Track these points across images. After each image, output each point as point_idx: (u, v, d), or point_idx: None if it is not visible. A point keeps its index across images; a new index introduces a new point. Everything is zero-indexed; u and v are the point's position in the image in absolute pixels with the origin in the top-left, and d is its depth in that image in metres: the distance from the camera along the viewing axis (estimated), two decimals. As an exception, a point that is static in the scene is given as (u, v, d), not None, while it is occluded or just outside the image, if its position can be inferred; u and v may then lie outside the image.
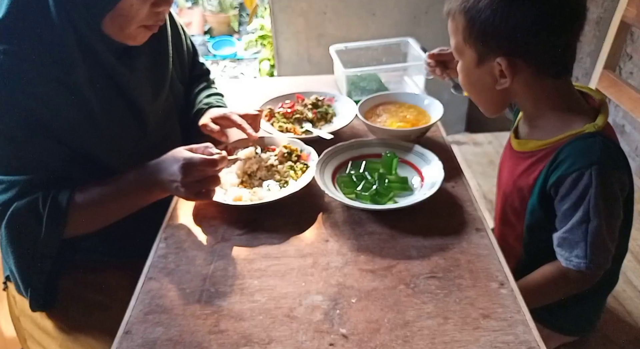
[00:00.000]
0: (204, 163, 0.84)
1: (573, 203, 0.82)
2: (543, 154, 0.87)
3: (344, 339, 0.68)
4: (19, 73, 0.80)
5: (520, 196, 0.93)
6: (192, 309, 0.74)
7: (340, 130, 1.14)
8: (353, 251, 0.83)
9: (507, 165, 0.98)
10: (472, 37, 0.84)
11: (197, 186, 0.86)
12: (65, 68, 0.84)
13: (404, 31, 2.21)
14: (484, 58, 0.85)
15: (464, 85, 0.94)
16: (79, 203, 0.86)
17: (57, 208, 0.84)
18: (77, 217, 0.86)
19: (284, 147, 1.06)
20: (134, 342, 0.69)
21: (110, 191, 0.89)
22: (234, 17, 4.17)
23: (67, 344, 0.91)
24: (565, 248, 0.85)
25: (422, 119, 1.13)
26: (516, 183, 0.93)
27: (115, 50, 0.91)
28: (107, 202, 0.89)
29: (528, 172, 0.90)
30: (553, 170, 0.84)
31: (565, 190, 0.83)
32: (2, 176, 0.83)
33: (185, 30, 1.17)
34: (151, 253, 0.85)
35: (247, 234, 0.88)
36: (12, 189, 0.83)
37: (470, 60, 0.87)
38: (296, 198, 0.93)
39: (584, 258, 0.83)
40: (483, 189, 2.25)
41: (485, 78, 0.87)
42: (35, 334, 0.93)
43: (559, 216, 0.86)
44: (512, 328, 0.68)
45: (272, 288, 0.77)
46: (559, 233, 0.86)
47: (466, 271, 0.78)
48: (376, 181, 0.94)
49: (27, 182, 0.83)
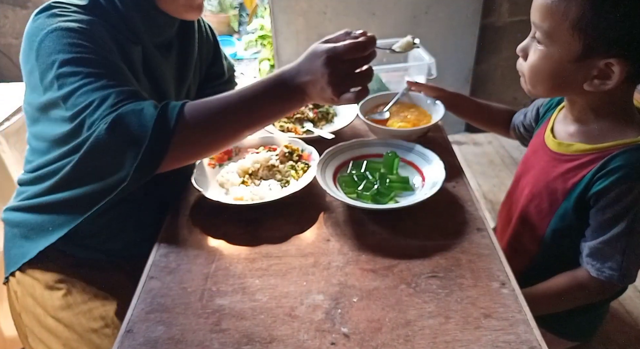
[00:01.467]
0: (351, 50, 0.73)
1: (616, 214, 0.80)
2: (588, 159, 0.83)
3: (346, 339, 0.68)
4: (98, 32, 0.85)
5: (552, 199, 0.89)
6: (193, 308, 0.74)
7: (341, 129, 1.15)
8: (354, 250, 0.83)
9: (540, 164, 0.93)
10: (588, 29, 0.72)
11: (347, 82, 0.74)
12: (124, 50, 0.89)
13: (404, 31, 2.21)
14: (589, 54, 0.74)
15: (533, 72, 0.82)
16: (192, 110, 0.76)
17: (172, 108, 0.75)
18: (189, 127, 0.76)
19: (285, 146, 1.06)
20: (136, 341, 0.69)
21: (240, 94, 0.78)
22: (234, 17, 4.17)
23: (70, 344, 0.91)
24: (598, 259, 0.83)
25: (423, 119, 1.13)
26: (550, 185, 0.89)
27: (157, 43, 0.97)
28: (232, 107, 0.78)
29: (568, 176, 0.86)
30: (600, 178, 0.80)
31: (609, 201, 0.80)
32: (96, 93, 0.78)
33: (213, 31, 1.21)
34: (152, 252, 0.85)
35: (249, 233, 0.88)
36: (109, 98, 0.77)
37: (567, 52, 0.76)
38: (297, 198, 0.93)
39: (617, 271, 0.81)
40: (483, 189, 2.26)
41: (576, 75, 0.78)
42: (37, 331, 0.93)
43: (594, 225, 0.84)
44: (513, 328, 0.68)
45: (273, 287, 0.77)
46: (593, 242, 0.83)
47: (467, 270, 0.78)
48: (377, 181, 0.94)
49: (128, 91, 0.80)
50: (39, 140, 0.94)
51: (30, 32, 0.84)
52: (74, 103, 0.79)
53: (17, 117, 1.60)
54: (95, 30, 0.84)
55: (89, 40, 0.82)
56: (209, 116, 0.78)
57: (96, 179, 0.85)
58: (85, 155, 0.81)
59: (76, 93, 0.79)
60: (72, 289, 0.94)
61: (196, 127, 0.77)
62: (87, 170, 0.85)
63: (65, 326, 0.92)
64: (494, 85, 2.64)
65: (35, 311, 0.94)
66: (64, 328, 0.92)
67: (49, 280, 0.94)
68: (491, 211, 2.08)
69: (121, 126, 0.75)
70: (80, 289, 0.95)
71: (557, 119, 0.95)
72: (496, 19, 2.45)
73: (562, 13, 0.74)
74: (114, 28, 0.88)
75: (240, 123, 0.80)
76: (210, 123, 0.78)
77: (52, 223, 0.92)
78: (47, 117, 0.88)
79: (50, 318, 0.93)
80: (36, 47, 0.82)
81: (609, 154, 0.80)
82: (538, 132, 1.01)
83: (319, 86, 0.75)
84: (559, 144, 0.89)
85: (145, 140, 0.74)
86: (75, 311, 0.93)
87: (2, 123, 1.55)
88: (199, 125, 0.77)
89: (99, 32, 0.85)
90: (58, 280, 0.94)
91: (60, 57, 0.80)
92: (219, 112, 0.78)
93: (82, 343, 0.91)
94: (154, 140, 0.74)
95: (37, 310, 0.94)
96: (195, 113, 0.77)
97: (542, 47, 0.80)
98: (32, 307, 0.94)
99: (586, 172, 0.83)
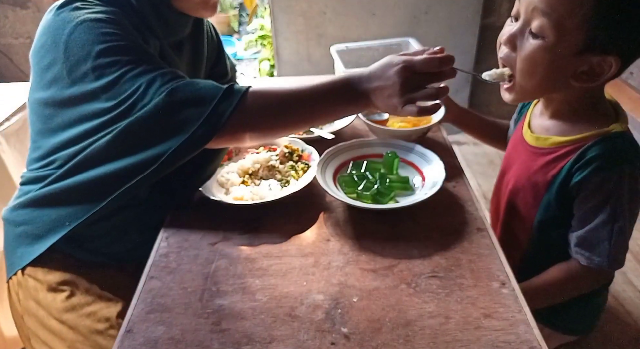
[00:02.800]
0: (427, 63, 0.73)
1: (599, 202, 0.81)
2: (565, 151, 0.85)
3: (346, 339, 0.68)
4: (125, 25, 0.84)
5: (535, 192, 0.91)
6: (193, 308, 0.74)
7: (341, 129, 1.15)
8: (354, 250, 0.83)
9: (520, 159, 0.95)
10: (599, 23, 0.71)
11: (416, 95, 0.75)
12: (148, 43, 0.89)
13: (404, 31, 2.22)
14: (589, 49, 0.73)
15: (529, 64, 0.80)
16: (257, 93, 0.77)
17: (238, 89, 0.76)
18: (253, 108, 0.77)
19: (285, 146, 1.06)
20: (136, 341, 0.69)
21: (306, 88, 0.79)
22: (234, 17, 4.17)
23: (75, 346, 0.90)
24: (586, 247, 0.84)
25: (423, 119, 1.13)
26: (531, 178, 0.91)
27: (171, 43, 0.97)
28: (292, 104, 0.79)
29: (547, 168, 0.88)
30: (579, 169, 0.82)
31: (590, 190, 0.81)
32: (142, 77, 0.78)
33: (217, 32, 1.22)
34: (152, 252, 0.85)
35: (249, 233, 0.89)
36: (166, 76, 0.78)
37: (569, 44, 0.74)
38: (297, 198, 0.93)
39: (606, 257, 0.82)
40: (483, 189, 2.26)
41: (568, 69, 0.77)
42: (41, 334, 0.93)
43: (578, 215, 0.85)
44: (513, 328, 0.68)
45: (273, 287, 0.77)
46: (580, 232, 0.85)
47: (467, 270, 0.78)
48: (377, 181, 0.94)
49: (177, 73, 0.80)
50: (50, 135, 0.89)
51: (54, 26, 0.83)
52: (118, 91, 0.78)
53: (17, 117, 1.60)
54: (121, 20, 0.84)
55: (120, 29, 0.82)
56: (271, 104, 0.79)
57: (139, 149, 0.79)
58: (134, 123, 0.77)
59: (119, 82, 0.77)
60: (75, 291, 0.94)
61: (258, 110, 0.78)
62: (126, 142, 0.80)
63: (69, 327, 0.91)
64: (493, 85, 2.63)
65: (38, 314, 0.93)
66: (69, 330, 0.91)
67: (52, 281, 0.93)
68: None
69: (183, 91, 0.76)
70: (83, 290, 0.94)
71: (534, 114, 0.97)
72: (496, 19, 2.45)
73: (577, 3, 0.71)
74: (132, 22, 0.88)
75: (299, 117, 0.81)
76: (272, 110, 0.79)
77: (62, 215, 0.88)
78: (72, 111, 0.84)
79: (54, 320, 0.92)
80: (64, 39, 0.80)
81: (584, 144, 0.82)
82: (517, 127, 1.03)
83: (386, 93, 0.76)
84: (537, 138, 0.91)
85: (213, 100, 0.75)
86: (79, 312, 0.92)
87: (2, 123, 1.54)
88: (260, 109, 0.78)
89: (125, 22, 0.85)
90: (61, 282, 0.93)
91: (96, 48, 0.79)
92: (283, 102, 0.79)
93: (87, 344, 0.91)
94: (218, 103, 0.75)
95: (40, 313, 0.93)
96: (259, 99, 0.78)
97: (539, 40, 0.76)
98: (35, 310, 0.93)
99: (564, 163, 0.85)
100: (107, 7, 0.86)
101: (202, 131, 0.76)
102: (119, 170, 0.81)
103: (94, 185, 0.84)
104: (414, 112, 0.76)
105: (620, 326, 1.12)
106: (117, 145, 0.80)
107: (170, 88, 0.76)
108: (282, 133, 0.86)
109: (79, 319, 0.92)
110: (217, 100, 0.76)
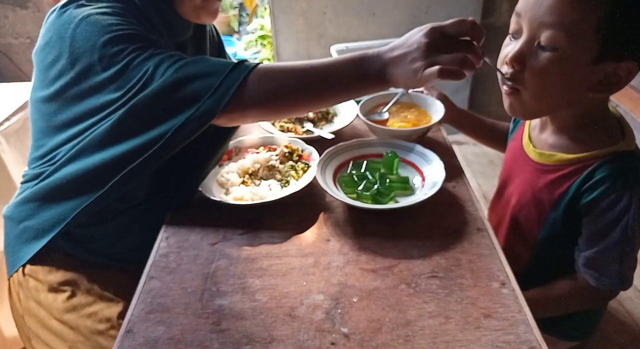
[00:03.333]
0: (455, 25, 0.72)
1: (609, 223, 0.80)
2: (572, 169, 0.83)
3: (346, 339, 0.68)
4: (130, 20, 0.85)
5: (539, 209, 0.89)
6: (193, 308, 0.74)
7: (341, 129, 1.14)
8: (354, 250, 0.83)
9: (523, 175, 0.93)
10: (614, 27, 0.68)
11: (440, 57, 0.72)
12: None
13: (404, 31, 2.21)
14: (606, 56, 0.71)
15: (542, 80, 0.76)
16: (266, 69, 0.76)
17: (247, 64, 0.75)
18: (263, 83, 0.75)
19: (285, 146, 1.06)
20: (136, 341, 0.69)
21: (320, 63, 0.77)
22: (234, 17, 4.16)
23: (77, 346, 0.90)
24: (596, 268, 0.83)
25: (423, 119, 1.13)
26: (536, 195, 0.89)
27: (175, 43, 0.97)
28: (303, 77, 0.77)
29: (553, 186, 0.86)
30: (587, 190, 0.80)
31: (600, 211, 0.80)
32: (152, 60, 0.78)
33: (219, 34, 1.23)
34: (152, 252, 0.85)
35: (249, 233, 0.89)
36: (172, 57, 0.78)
37: (584, 52, 0.71)
38: (297, 198, 0.93)
39: (617, 279, 0.81)
40: (483, 189, 2.26)
41: (586, 80, 0.74)
42: (42, 334, 0.93)
43: (587, 234, 0.83)
44: (513, 328, 0.68)
45: (273, 287, 0.77)
46: (588, 252, 0.83)
47: (467, 270, 0.78)
48: (377, 181, 0.94)
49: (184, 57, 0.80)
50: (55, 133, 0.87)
51: (59, 23, 0.83)
52: (126, 79, 0.77)
53: (17, 117, 1.60)
54: (126, 13, 0.85)
55: (124, 20, 0.82)
56: (281, 78, 0.77)
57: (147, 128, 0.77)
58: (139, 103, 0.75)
59: (127, 70, 0.77)
60: (76, 291, 0.94)
61: (267, 83, 0.76)
62: (128, 125, 0.78)
63: (70, 328, 0.91)
64: (493, 85, 2.63)
65: (39, 315, 0.93)
66: (70, 330, 0.91)
67: (53, 281, 0.93)
68: (490, 211, 2.08)
69: (192, 67, 0.75)
70: (84, 291, 0.94)
71: (532, 127, 0.94)
72: (496, 19, 2.45)
73: (588, 9, 0.68)
74: (136, 19, 0.88)
75: (310, 93, 0.79)
76: (281, 85, 0.77)
77: (62, 209, 0.86)
78: (78, 106, 0.82)
79: (54, 321, 0.92)
80: (70, 34, 0.80)
81: (592, 164, 0.80)
82: (514, 136, 1.01)
83: (409, 57, 0.73)
84: (540, 155, 0.89)
85: (223, 74, 0.74)
86: (80, 313, 0.92)
87: (2, 123, 1.55)
88: (270, 83, 0.77)
89: (129, 15, 0.85)
90: (62, 282, 0.93)
91: (101, 39, 0.78)
92: (293, 77, 0.77)
93: (88, 345, 0.90)
94: (227, 76, 0.74)
95: (41, 313, 0.93)
96: (270, 73, 0.77)
97: (552, 53, 0.73)
98: (35, 310, 0.93)
99: (571, 182, 0.83)
100: (112, 3, 0.86)
101: (209, 104, 0.75)
102: (119, 155, 0.78)
103: (94, 173, 0.81)
104: (434, 74, 0.71)
105: (620, 326, 1.12)
106: (119, 128, 0.78)
107: (179, 65, 0.76)
108: (292, 110, 0.83)
109: (79, 320, 0.92)
110: (226, 73, 0.75)
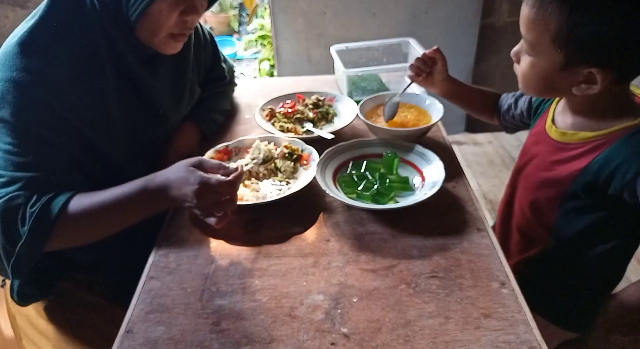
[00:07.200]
0: (221, 186, 0.80)
1: None
2: (594, 145, 0.85)
3: (345, 339, 0.68)
4: (56, 82, 0.82)
5: (559, 185, 0.91)
6: (193, 308, 0.74)
7: (341, 130, 1.14)
8: (354, 250, 0.83)
9: (543, 155, 0.95)
10: (567, 42, 0.77)
11: (213, 208, 0.82)
12: (95, 75, 0.87)
13: (404, 31, 2.22)
14: (572, 64, 0.79)
15: (523, 77, 0.88)
16: (74, 210, 0.81)
17: (46, 213, 0.79)
18: (69, 225, 0.81)
19: (285, 146, 1.06)
20: (136, 341, 0.69)
21: (113, 199, 0.83)
22: (234, 17, 4.17)
23: (60, 345, 0.91)
24: None
25: (423, 119, 1.13)
26: (556, 171, 0.91)
27: (142, 58, 0.93)
28: (106, 211, 0.83)
29: (573, 162, 0.88)
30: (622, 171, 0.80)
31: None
32: (6, 172, 0.80)
33: (212, 35, 1.21)
34: (152, 252, 0.85)
35: (249, 233, 0.89)
36: (13, 184, 0.79)
37: (550, 62, 0.81)
38: (297, 198, 0.93)
39: None
40: (483, 189, 2.26)
41: (562, 81, 0.82)
42: (30, 333, 0.94)
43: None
44: (513, 328, 0.68)
45: (273, 287, 0.77)
46: None
47: (467, 270, 0.78)
48: (377, 181, 0.94)
49: (31, 180, 0.80)
50: None
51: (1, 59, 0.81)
52: None
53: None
54: (53, 81, 0.82)
55: (36, 103, 0.80)
56: (86, 218, 0.82)
57: None
58: None
59: None
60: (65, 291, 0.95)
61: (74, 226, 0.81)
62: None
63: (56, 328, 0.93)
64: (493, 85, 2.62)
65: (28, 313, 0.95)
66: (55, 330, 0.93)
67: None
68: (491, 211, 2.08)
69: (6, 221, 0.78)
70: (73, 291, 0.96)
71: (557, 111, 0.97)
72: (496, 19, 2.45)
73: (542, 27, 0.78)
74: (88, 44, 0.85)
75: (112, 226, 0.85)
76: (87, 223, 0.82)
77: None
78: None
79: (41, 319, 0.93)
80: None
81: (615, 139, 0.82)
82: (537, 123, 1.01)
83: (186, 205, 0.82)
84: (563, 133, 0.91)
85: (19, 243, 0.78)
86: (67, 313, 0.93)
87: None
88: (76, 224, 0.81)
89: (57, 82, 0.82)
90: None
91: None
92: (95, 214, 0.82)
93: (72, 345, 0.91)
94: (28, 240, 0.78)
95: (30, 312, 0.94)
96: (73, 216, 0.80)
97: (529, 58, 0.84)
98: (25, 309, 0.95)
99: (594, 156, 0.84)
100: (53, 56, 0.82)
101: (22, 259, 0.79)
102: None
103: None
104: (218, 221, 0.82)
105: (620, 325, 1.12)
106: None
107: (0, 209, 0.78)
108: (101, 237, 0.87)
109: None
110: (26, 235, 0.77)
